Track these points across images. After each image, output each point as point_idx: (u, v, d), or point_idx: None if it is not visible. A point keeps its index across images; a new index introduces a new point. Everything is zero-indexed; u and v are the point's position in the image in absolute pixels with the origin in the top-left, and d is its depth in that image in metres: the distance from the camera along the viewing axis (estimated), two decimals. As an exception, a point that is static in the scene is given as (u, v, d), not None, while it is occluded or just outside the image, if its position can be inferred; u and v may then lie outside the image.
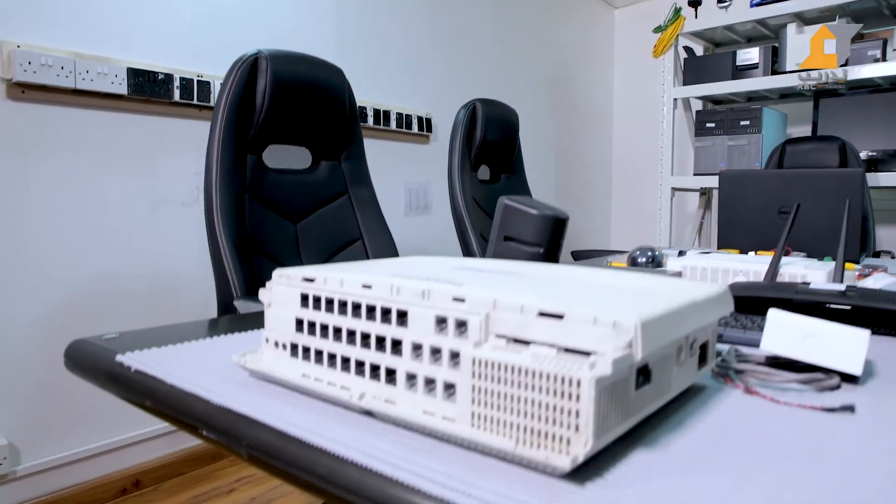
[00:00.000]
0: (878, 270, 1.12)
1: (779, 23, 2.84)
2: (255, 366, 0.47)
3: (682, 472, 0.33)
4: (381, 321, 0.41)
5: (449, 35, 2.70)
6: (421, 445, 0.36)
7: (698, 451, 0.36)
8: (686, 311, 0.38)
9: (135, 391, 0.51)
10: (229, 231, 1.13)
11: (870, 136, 2.71)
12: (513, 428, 0.33)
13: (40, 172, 1.49)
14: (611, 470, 0.33)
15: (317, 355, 0.45)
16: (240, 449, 0.41)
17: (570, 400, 0.31)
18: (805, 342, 0.50)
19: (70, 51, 1.52)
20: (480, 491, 0.30)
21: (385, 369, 0.40)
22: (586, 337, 0.32)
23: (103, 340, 0.61)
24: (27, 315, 1.46)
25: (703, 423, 0.41)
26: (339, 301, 0.44)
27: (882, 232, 2.94)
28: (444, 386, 0.37)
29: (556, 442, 0.31)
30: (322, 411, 0.42)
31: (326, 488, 0.35)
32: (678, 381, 0.41)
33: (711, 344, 0.47)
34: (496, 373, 0.33)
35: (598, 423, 0.31)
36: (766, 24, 2.93)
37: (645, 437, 0.38)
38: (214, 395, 0.44)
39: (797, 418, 0.42)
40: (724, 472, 0.33)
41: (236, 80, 1.21)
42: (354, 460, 0.34)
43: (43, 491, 1.50)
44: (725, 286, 0.47)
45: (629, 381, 0.34)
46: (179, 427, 0.47)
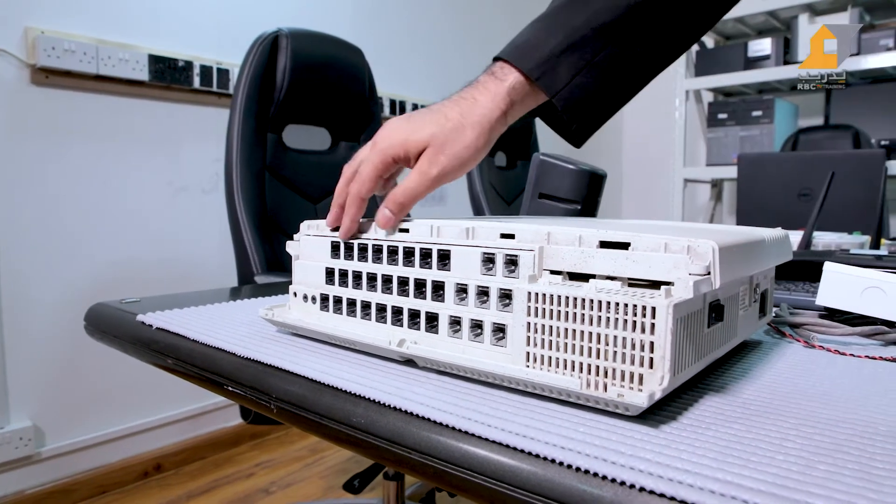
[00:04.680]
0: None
1: (790, 14, 2.80)
2: (284, 319, 0.45)
3: (760, 417, 0.29)
4: (421, 265, 0.38)
5: (464, 27, 2.66)
6: (468, 392, 0.33)
7: (773, 397, 0.33)
8: (755, 248, 0.35)
9: (157, 350, 0.48)
10: (250, 208, 1.11)
11: (882, 124, 2.68)
12: (575, 367, 0.29)
13: (62, 156, 1.48)
14: (685, 414, 0.29)
15: (349, 305, 0.42)
16: (269, 403, 0.38)
17: (644, 332, 0.27)
18: (865, 294, 0.46)
19: (93, 37, 1.51)
20: (544, 434, 0.27)
21: (426, 315, 0.37)
22: (657, 266, 0.29)
23: (124, 304, 0.58)
24: (51, 300, 1.45)
25: (769, 373, 0.37)
26: (374, 247, 0.41)
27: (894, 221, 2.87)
28: (492, 328, 0.34)
29: (627, 380, 0.28)
30: (357, 362, 0.39)
31: (366, 439, 0.32)
32: (743, 327, 0.38)
33: (770, 294, 0.43)
34: (555, 308, 0.30)
35: (674, 357, 0.27)
36: (777, 16, 2.90)
37: (714, 384, 0.34)
38: (240, 349, 0.42)
39: (867, 369, 0.38)
40: (803, 417, 0.30)
41: (256, 57, 1.18)
42: (397, 406, 0.31)
43: (66, 473, 1.49)
44: (784, 231, 0.43)
45: (702, 316, 0.31)
46: (204, 385, 0.45)
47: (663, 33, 0.47)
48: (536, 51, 0.44)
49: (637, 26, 0.45)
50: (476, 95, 0.44)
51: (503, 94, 0.43)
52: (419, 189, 0.42)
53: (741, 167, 1.67)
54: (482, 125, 0.43)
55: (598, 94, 0.46)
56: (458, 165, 0.42)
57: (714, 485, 0.22)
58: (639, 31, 0.45)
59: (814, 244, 0.88)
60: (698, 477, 0.23)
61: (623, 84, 0.47)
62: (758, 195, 1.66)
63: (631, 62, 0.46)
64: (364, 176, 0.43)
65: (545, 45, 0.44)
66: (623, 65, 0.46)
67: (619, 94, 0.48)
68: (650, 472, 0.23)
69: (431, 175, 0.42)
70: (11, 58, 1.40)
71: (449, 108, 0.44)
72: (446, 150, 0.42)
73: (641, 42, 0.46)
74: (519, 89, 0.44)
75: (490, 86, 0.44)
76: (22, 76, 1.42)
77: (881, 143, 2.65)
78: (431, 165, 0.42)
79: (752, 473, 0.23)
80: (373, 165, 0.43)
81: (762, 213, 1.63)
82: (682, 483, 0.23)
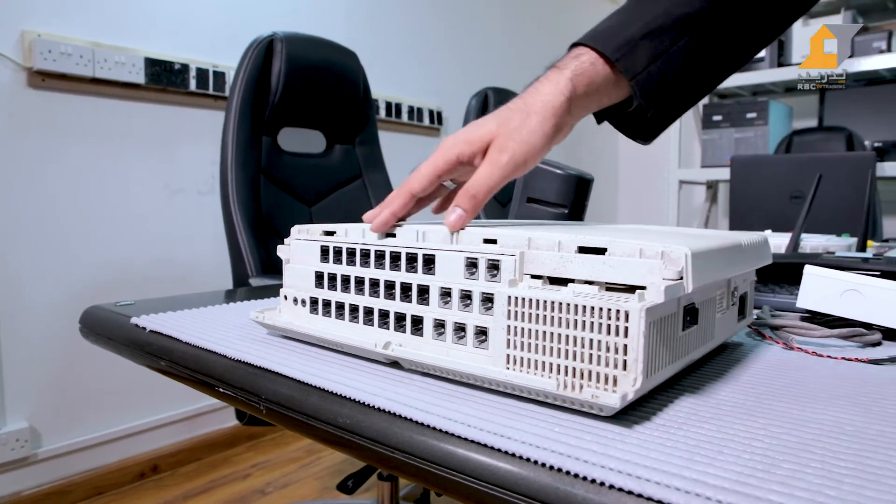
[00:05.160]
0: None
1: (784, 17, 2.82)
2: (274, 321, 0.45)
3: (732, 417, 0.30)
4: (407, 269, 0.39)
5: (459, 29, 2.67)
6: (450, 393, 0.34)
7: (746, 398, 0.34)
8: (731, 252, 0.36)
9: (150, 352, 0.49)
10: (244, 210, 1.11)
11: (875, 126, 2.70)
12: (552, 369, 0.30)
13: (59, 159, 1.48)
14: (659, 414, 0.30)
15: (338, 308, 0.43)
16: (258, 404, 0.39)
17: (618, 335, 0.28)
18: (844, 297, 0.47)
19: (89, 40, 1.51)
20: (521, 434, 0.28)
21: (411, 318, 0.38)
22: (631, 271, 0.30)
23: (118, 307, 0.59)
24: (47, 301, 1.46)
25: (746, 373, 0.38)
26: (362, 251, 0.42)
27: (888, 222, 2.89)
28: (475, 331, 0.35)
29: (602, 382, 0.29)
30: (344, 363, 0.40)
31: (351, 439, 0.33)
32: (721, 330, 0.39)
33: (750, 297, 0.44)
34: (534, 311, 0.31)
35: (648, 359, 0.28)
36: (772, 18, 2.91)
37: (689, 385, 0.35)
38: (231, 351, 0.42)
39: (841, 370, 0.39)
40: (773, 416, 0.31)
41: (251, 61, 1.19)
42: (381, 407, 0.32)
43: (62, 474, 1.50)
44: (763, 235, 0.44)
45: (677, 320, 0.32)
46: (196, 387, 0.46)
47: (742, 29, 0.48)
48: (615, 36, 0.44)
49: (716, 20, 0.46)
50: (538, 86, 0.44)
51: (565, 80, 0.43)
52: (492, 179, 0.40)
53: (734, 169, 1.69)
54: (545, 111, 0.42)
55: (676, 83, 0.46)
56: (527, 150, 0.41)
57: (679, 482, 0.23)
58: (718, 25, 0.46)
59: (801, 247, 0.89)
60: (665, 475, 0.24)
61: (700, 77, 0.48)
62: (750, 197, 1.67)
63: (709, 56, 0.47)
64: (422, 171, 0.41)
65: (624, 30, 0.44)
66: (700, 58, 0.46)
67: (696, 87, 0.48)
68: (620, 470, 0.24)
69: (502, 162, 0.40)
70: (8, 61, 1.40)
71: (513, 102, 0.44)
72: (514, 136, 0.41)
73: (720, 36, 0.47)
74: (588, 73, 0.44)
75: (552, 75, 0.44)
76: (18, 79, 1.42)
77: (874, 146, 2.67)
78: (501, 152, 0.40)
79: (718, 471, 0.24)
80: (433, 162, 0.41)
81: (755, 215, 1.65)
82: (649, 481, 0.24)
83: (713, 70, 0.48)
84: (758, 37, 0.50)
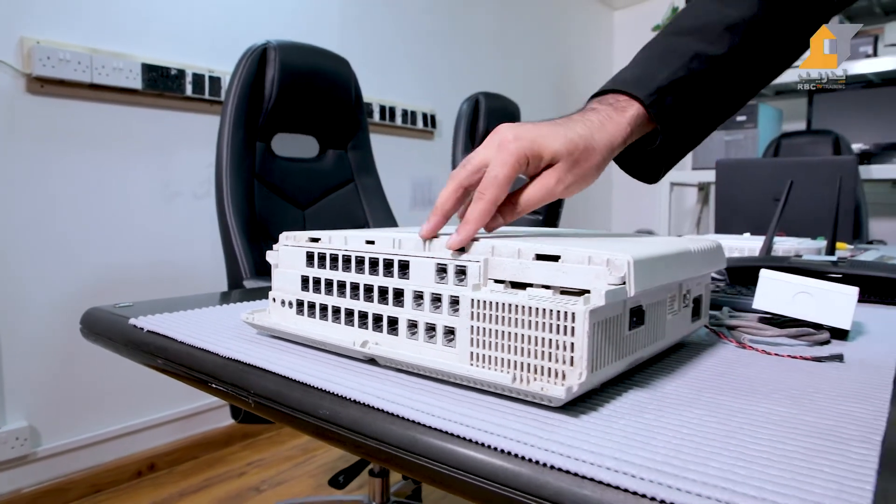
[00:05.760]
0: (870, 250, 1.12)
1: (775, 20, 2.87)
2: (263, 322, 0.49)
3: (671, 408, 0.34)
4: (384, 274, 0.42)
5: (452, 34, 2.71)
6: (421, 387, 0.37)
7: (689, 391, 0.37)
8: (678, 259, 0.39)
9: (147, 351, 0.52)
10: (239, 215, 1.15)
11: (862, 130, 2.75)
12: (509, 365, 0.34)
13: (58, 163, 1.51)
14: (605, 406, 0.34)
15: (322, 310, 0.46)
16: (247, 398, 0.42)
17: (566, 334, 0.32)
18: (795, 299, 0.51)
19: (87, 46, 1.54)
20: (478, 422, 0.31)
21: (387, 318, 0.41)
22: (581, 276, 0.33)
23: (117, 308, 0.62)
24: (46, 303, 1.49)
25: (696, 370, 0.42)
26: (344, 257, 0.45)
27: (875, 224, 2.93)
28: (444, 331, 0.38)
29: (552, 376, 0.32)
30: (326, 361, 0.43)
31: (329, 429, 0.37)
32: (672, 330, 0.42)
33: (705, 299, 0.48)
34: (494, 313, 0.34)
35: (592, 356, 0.32)
36: (762, 22, 2.96)
37: (640, 380, 0.39)
38: (223, 349, 0.46)
39: (786, 367, 0.43)
40: (710, 408, 0.34)
41: (246, 69, 1.22)
42: (356, 399, 0.36)
43: (61, 472, 1.53)
44: (717, 241, 0.48)
45: (623, 320, 0.35)
46: (190, 383, 0.49)
47: (749, 64, 0.52)
48: (651, 81, 0.47)
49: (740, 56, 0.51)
50: (602, 121, 0.45)
51: (626, 123, 0.46)
52: (541, 201, 0.42)
53: (719, 173, 1.73)
54: (608, 150, 0.44)
55: (693, 112, 0.50)
56: (582, 185, 0.43)
57: (611, 462, 0.27)
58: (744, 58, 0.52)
59: (774, 249, 0.92)
60: (599, 456, 0.27)
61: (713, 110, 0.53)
62: (735, 200, 1.71)
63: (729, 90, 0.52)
64: (501, 179, 0.40)
65: (657, 76, 0.48)
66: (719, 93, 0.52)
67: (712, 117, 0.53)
68: (560, 452, 0.28)
69: (556, 192, 0.42)
70: (7, 67, 1.43)
71: (576, 124, 0.44)
72: (575, 170, 0.42)
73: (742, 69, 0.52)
74: (638, 118, 0.47)
75: (614, 114, 0.46)
76: (18, 85, 1.45)
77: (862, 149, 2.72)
78: (559, 183, 0.41)
79: (647, 454, 0.28)
80: (509, 166, 0.40)
81: (739, 218, 1.68)
82: (584, 461, 0.27)
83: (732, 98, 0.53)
84: (763, 76, 0.54)
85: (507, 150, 0.40)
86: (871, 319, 0.59)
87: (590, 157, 0.43)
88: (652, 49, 0.52)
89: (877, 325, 0.57)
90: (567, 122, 0.44)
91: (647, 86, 0.47)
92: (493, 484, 0.28)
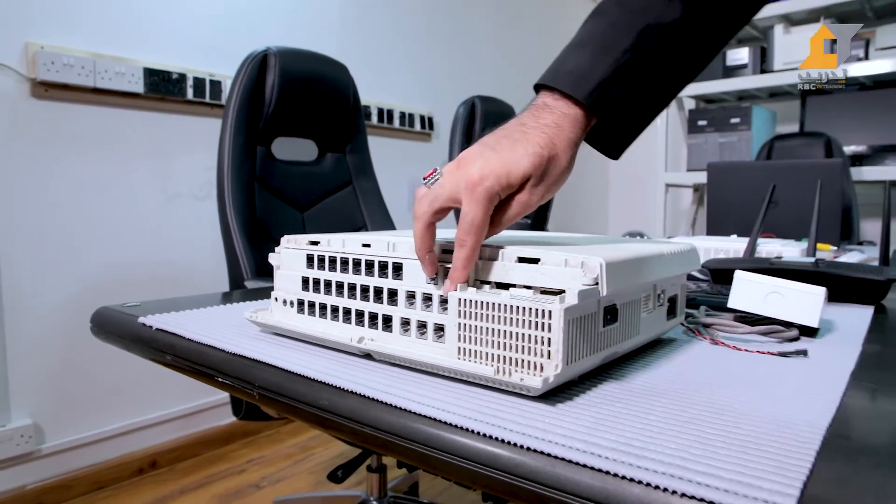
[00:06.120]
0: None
1: (767, 24, 2.90)
2: (266, 320, 0.52)
3: (641, 398, 0.37)
4: (379, 275, 0.45)
5: (450, 36, 2.74)
6: (413, 380, 0.40)
7: (659, 383, 0.40)
8: (650, 261, 0.42)
9: (156, 348, 0.55)
10: (240, 217, 1.18)
11: (855, 132, 2.79)
12: (493, 358, 0.37)
13: (62, 166, 1.54)
14: (580, 396, 0.37)
15: (321, 308, 0.49)
16: (252, 391, 0.45)
17: (543, 330, 0.35)
18: (767, 299, 0.54)
19: (90, 51, 1.57)
20: (464, 410, 0.34)
21: (382, 316, 0.45)
22: (558, 277, 0.37)
23: (126, 308, 0.65)
24: (50, 303, 1.52)
25: (669, 364, 0.45)
26: (342, 259, 0.48)
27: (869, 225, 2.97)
28: (434, 327, 0.41)
29: (531, 368, 0.36)
30: (325, 356, 0.46)
31: (329, 418, 0.40)
32: (647, 327, 0.45)
33: (681, 298, 0.51)
34: (479, 311, 0.38)
35: (567, 350, 0.35)
36: (755, 26, 3.00)
37: (614, 374, 0.42)
38: (229, 346, 0.49)
39: (753, 361, 0.46)
40: (677, 398, 0.37)
41: (246, 75, 1.25)
42: (354, 391, 0.39)
43: (65, 469, 1.56)
44: (691, 244, 0.51)
45: (597, 318, 0.38)
46: (198, 378, 0.52)
47: (685, 48, 0.48)
48: (593, 73, 0.45)
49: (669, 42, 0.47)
50: (558, 122, 0.45)
51: (582, 117, 0.45)
52: (520, 216, 0.44)
53: (710, 175, 1.76)
54: (572, 150, 0.45)
55: (629, 102, 0.48)
56: (556, 189, 0.45)
57: (581, 444, 0.30)
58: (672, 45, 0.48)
59: (757, 252, 0.96)
60: (570, 439, 0.30)
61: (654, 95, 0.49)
62: (726, 202, 1.75)
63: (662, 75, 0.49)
64: (478, 225, 0.40)
65: (599, 66, 0.45)
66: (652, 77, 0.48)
67: (651, 105, 0.50)
68: (536, 436, 0.31)
69: (533, 204, 0.43)
70: (12, 72, 1.46)
71: (534, 133, 0.44)
72: (546, 180, 0.43)
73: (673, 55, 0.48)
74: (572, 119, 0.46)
75: (568, 111, 0.45)
76: (22, 90, 1.48)
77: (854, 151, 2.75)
78: (533, 196, 0.43)
79: (614, 437, 0.31)
80: (483, 209, 0.40)
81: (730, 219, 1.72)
82: (556, 443, 0.30)
83: (668, 87, 0.50)
84: (705, 51, 0.50)
85: (478, 194, 0.41)
86: (842, 318, 0.63)
87: (556, 164, 0.44)
88: (601, 21, 0.49)
89: (847, 324, 0.60)
90: (524, 133, 0.44)
91: (588, 80, 0.45)
92: (476, 465, 0.31)
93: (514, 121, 0.46)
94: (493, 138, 0.44)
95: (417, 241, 0.42)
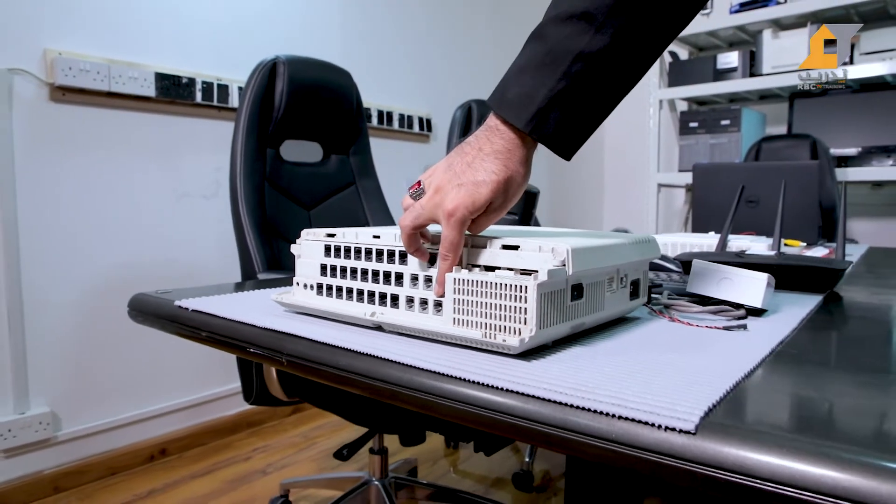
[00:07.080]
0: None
1: (757, 28, 2.99)
2: (290, 301, 0.61)
3: (600, 357, 0.46)
4: (387, 261, 0.54)
5: (449, 40, 2.83)
6: (417, 344, 0.49)
7: (617, 348, 0.49)
8: (612, 248, 0.51)
9: (193, 326, 0.64)
10: (252, 214, 1.26)
11: (841, 134, 2.88)
12: (481, 326, 0.46)
13: (78, 166, 1.63)
14: (551, 355, 0.46)
15: (338, 290, 0.58)
16: (280, 358, 0.54)
17: (521, 301, 0.44)
18: (720, 284, 0.63)
19: (104, 57, 1.66)
20: (457, 365, 0.43)
21: (390, 295, 0.54)
22: (534, 260, 0.46)
23: (159, 294, 0.74)
24: (66, 299, 1.60)
25: (629, 335, 0.54)
26: (355, 248, 0.57)
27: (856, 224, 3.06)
28: (434, 303, 0.50)
29: (511, 333, 0.45)
30: (342, 328, 0.55)
31: (347, 376, 0.49)
32: (611, 305, 0.54)
33: (643, 282, 0.60)
34: (471, 288, 0.47)
35: (540, 317, 0.44)
36: (746, 30, 3.09)
37: (582, 341, 0.51)
38: (259, 321, 0.58)
39: (700, 334, 0.55)
40: (628, 357, 0.46)
41: (257, 82, 1.34)
42: (368, 353, 0.48)
43: (80, 455, 1.64)
44: (651, 236, 0.60)
45: (565, 293, 0.47)
46: (230, 350, 0.61)
47: (620, 61, 0.51)
48: (531, 103, 0.49)
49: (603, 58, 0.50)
50: (509, 147, 0.50)
51: (527, 138, 0.50)
52: (490, 224, 0.52)
53: (696, 176, 1.85)
54: (526, 167, 0.51)
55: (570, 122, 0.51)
56: (515, 201, 0.52)
57: (546, 385, 0.39)
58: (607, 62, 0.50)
59: (728, 246, 1.05)
60: (539, 383, 0.39)
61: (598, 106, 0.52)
62: (711, 202, 1.84)
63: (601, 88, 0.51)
64: (456, 244, 0.49)
65: (536, 95, 0.49)
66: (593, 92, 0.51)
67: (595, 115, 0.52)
68: (511, 380, 0.40)
69: (501, 215, 0.52)
70: (32, 77, 1.55)
71: (489, 161, 0.49)
72: (508, 196, 0.50)
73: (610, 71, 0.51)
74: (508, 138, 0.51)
75: (514, 134, 0.50)
76: (41, 94, 1.57)
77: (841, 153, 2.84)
78: (500, 209, 0.51)
79: (573, 382, 0.40)
80: (458, 233, 0.49)
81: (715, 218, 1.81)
82: (527, 385, 0.39)
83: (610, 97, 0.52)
84: (634, 71, 0.52)
85: (452, 223, 0.48)
86: (792, 303, 0.72)
87: (513, 182, 0.50)
88: (539, 47, 0.52)
89: (793, 308, 0.69)
90: (483, 161, 0.50)
91: (526, 108, 0.49)
92: (467, 405, 0.40)
93: (473, 144, 0.52)
94: (460, 166, 0.50)
95: (405, 244, 0.52)
